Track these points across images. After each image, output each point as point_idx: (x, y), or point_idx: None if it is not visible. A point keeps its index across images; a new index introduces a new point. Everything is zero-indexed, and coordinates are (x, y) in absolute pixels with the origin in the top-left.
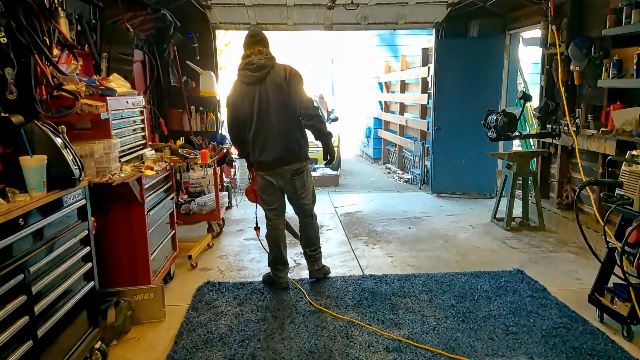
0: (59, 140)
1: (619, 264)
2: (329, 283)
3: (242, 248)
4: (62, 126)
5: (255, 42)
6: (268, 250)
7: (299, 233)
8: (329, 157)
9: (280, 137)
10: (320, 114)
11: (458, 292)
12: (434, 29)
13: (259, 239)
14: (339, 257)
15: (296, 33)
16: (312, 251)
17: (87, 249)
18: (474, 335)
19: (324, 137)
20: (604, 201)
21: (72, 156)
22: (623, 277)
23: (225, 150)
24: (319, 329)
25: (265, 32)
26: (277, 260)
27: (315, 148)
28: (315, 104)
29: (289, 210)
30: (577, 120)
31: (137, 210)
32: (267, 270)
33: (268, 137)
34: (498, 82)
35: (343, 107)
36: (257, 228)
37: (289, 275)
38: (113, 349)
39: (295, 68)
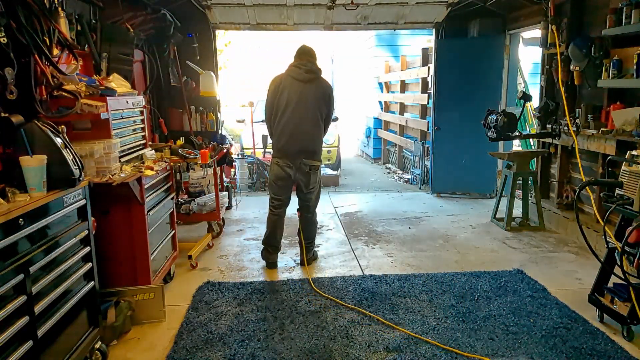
0: (59, 140)
1: (619, 264)
2: (329, 283)
3: (242, 248)
4: (62, 126)
5: (306, 54)
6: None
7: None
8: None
9: (308, 133)
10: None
11: (458, 292)
12: (434, 29)
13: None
14: (339, 257)
15: (296, 33)
16: (308, 243)
17: (87, 249)
18: (474, 335)
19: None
20: (604, 201)
21: (72, 156)
22: (623, 277)
23: (225, 150)
24: (319, 329)
25: (265, 32)
26: (271, 242)
27: None
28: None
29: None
30: (577, 120)
31: (137, 210)
32: (266, 269)
33: (298, 130)
34: (498, 82)
35: (343, 107)
36: (299, 210)
37: (289, 275)
38: (113, 349)
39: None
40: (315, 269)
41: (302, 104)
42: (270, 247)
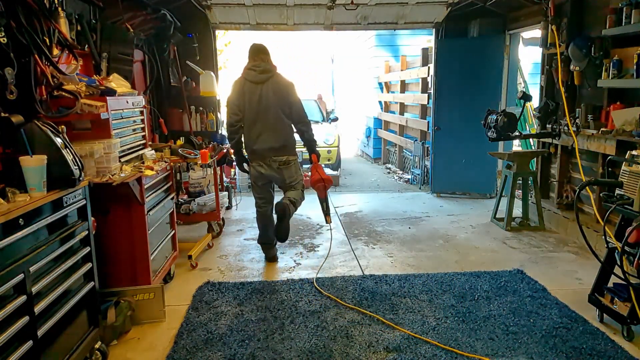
0: (59, 140)
1: (619, 264)
2: (329, 283)
3: (242, 248)
4: (62, 126)
5: (259, 52)
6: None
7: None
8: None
9: (274, 131)
10: (309, 121)
11: (458, 292)
12: (434, 29)
13: (329, 227)
14: (339, 257)
15: (296, 33)
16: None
17: (87, 249)
18: (474, 335)
19: (312, 144)
20: (604, 201)
21: (72, 156)
22: (623, 277)
23: (225, 150)
24: (319, 329)
25: (265, 32)
26: (264, 239)
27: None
28: (314, 105)
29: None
30: (577, 120)
31: (137, 210)
32: (266, 270)
33: (263, 130)
34: (498, 82)
35: (343, 107)
36: (327, 214)
37: (289, 275)
38: (113, 349)
39: (289, 79)
40: (316, 269)
41: (263, 105)
42: (266, 244)
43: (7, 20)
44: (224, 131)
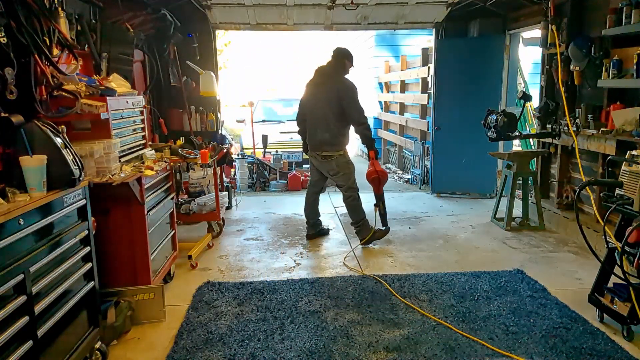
0: (59, 140)
1: (619, 264)
2: (329, 283)
3: (242, 248)
4: (62, 126)
5: (333, 56)
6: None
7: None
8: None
9: (320, 129)
10: (364, 122)
11: (458, 292)
12: (434, 29)
13: (375, 214)
14: (339, 257)
15: (296, 33)
16: (352, 224)
17: (87, 249)
18: (474, 335)
19: (368, 141)
20: (604, 201)
21: (72, 156)
22: (623, 277)
23: (225, 150)
24: (319, 329)
25: (265, 32)
26: (306, 215)
27: None
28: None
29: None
30: (577, 120)
31: (137, 210)
32: (266, 270)
33: (314, 126)
34: (498, 82)
35: None
36: (376, 205)
37: (289, 275)
38: (113, 349)
39: (351, 82)
40: (316, 269)
41: (316, 105)
42: (308, 220)
43: (7, 20)
44: (224, 131)
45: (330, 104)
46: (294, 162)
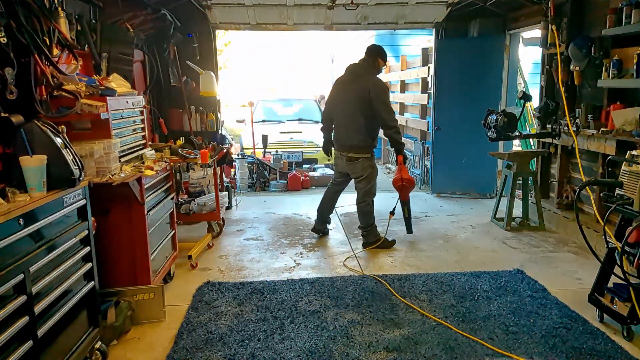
0: (59, 140)
1: (619, 264)
2: (329, 283)
3: (242, 248)
4: (62, 126)
5: (365, 54)
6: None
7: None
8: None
9: (347, 130)
10: (394, 125)
11: (458, 292)
12: (434, 29)
13: (388, 222)
14: (339, 257)
15: (296, 33)
16: (360, 228)
17: (87, 249)
18: (474, 335)
19: (397, 145)
20: (604, 201)
21: (72, 156)
22: (623, 277)
23: (225, 150)
24: (319, 329)
25: (265, 32)
26: (318, 209)
27: (315, 148)
28: (314, 105)
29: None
30: (577, 120)
31: (137, 210)
32: (266, 270)
33: (341, 127)
34: (498, 82)
35: None
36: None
37: (289, 275)
38: (113, 349)
39: (382, 82)
40: (316, 269)
41: (344, 105)
42: (317, 214)
43: (7, 20)
44: (224, 131)
45: (359, 105)
46: (294, 162)
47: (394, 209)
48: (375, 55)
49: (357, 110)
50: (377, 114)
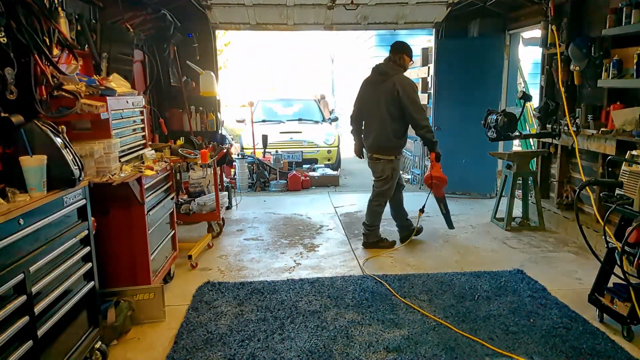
0: (59, 140)
1: (619, 264)
2: (329, 283)
3: (242, 248)
4: (62, 126)
5: (391, 51)
6: None
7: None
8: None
9: (375, 131)
10: (424, 124)
11: (458, 292)
12: (434, 29)
13: (419, 218)
14: (339, 257)
15: (296, 33)
16: (364, 224)
17: (87, 249)
18: (474, 335)
19: (429, 144)
20: (604, 201)
21: (72, 156)
22: (623, 277)
23: (225, 150)
24: (319, 329)
25: (265, 32)
26: (393, 218)
27: (315, 148)
28: (314, 105)
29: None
30: (577, 120)
31: (137, 210)
32: (266, 270)
33: (369, 128)
34: (498, 82)
35: (343, 106)
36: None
37: (289, 275)
38: (113, 349)
39: (409, 80)
40: (316, 269)
41: (373, 105)
42: (396, 225)
43: (7, 20)
44: (223, 131)
45: (387, 105)
46: (294, 162)
47: (423, 206)
48: (401, 52)
49: (385, 111)
50: (406, 114)
